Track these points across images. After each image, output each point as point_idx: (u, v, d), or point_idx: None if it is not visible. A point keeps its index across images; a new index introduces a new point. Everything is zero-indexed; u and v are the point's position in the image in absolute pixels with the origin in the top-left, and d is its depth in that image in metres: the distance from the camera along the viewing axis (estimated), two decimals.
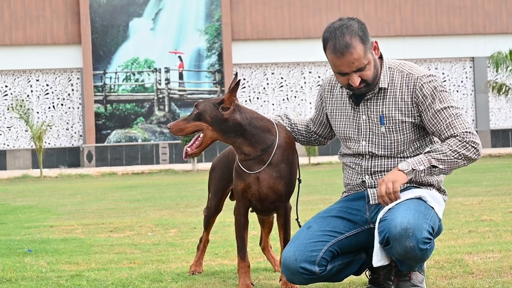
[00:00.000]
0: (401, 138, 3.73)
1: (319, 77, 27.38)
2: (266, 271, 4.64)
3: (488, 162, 19.77)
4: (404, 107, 3.70)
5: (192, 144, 3.93)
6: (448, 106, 3.65)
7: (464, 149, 3.58)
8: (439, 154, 3.58)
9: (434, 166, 3.57)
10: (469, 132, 3.61)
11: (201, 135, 3.92)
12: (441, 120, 3.63)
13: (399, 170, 3.56)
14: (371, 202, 3.77)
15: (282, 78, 27.32)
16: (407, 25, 27.54)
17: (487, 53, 26.96)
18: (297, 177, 4.05)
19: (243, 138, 3.93)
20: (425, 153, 3.61)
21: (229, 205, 4.70)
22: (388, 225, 3.51)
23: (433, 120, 3.64)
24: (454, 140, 3.60)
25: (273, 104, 27.19)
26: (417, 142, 3.76)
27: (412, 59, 26.02)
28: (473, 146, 3.59)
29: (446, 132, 3.62)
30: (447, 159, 3.57)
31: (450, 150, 3.58)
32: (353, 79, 3.65)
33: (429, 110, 3.65)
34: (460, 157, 3.58)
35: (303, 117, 4.23)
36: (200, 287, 4.22)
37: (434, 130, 3.67)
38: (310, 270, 3.65)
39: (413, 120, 3.70)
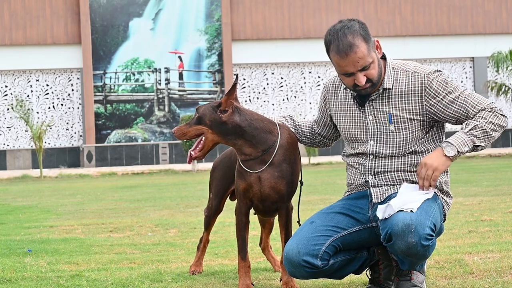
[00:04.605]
0: (409, 136, 3.75)
1: (319, 77, 27.37)
2: (266, 271, 4.64)
3: (488, 162, 19.76)
4: (412, 106, 3.73)
5: (195, 148, 3.96)
6: (462, 92, 3.71)
7: (497, 119, 3.63)
8: (479, 131, 3.60)
9: (476, 146, 3.59)
10: (492, 102, 3.68)
11: (203, 138, 3.94)
12: (463, 104, 3.68)
13: (445, 155, 3.56)
14: (373, 200, 3.78)
15: (282, 78, 27.31)
16: (407, 25, 27.54)
17: (487, 53, 26.95)
18: (299, 179, 4.05)
19: (243, 139, 3.94)
20: (465, 131, 3.60)
21: (229, 205, 4.70)
22: (390, 221, 3.53)
23: (454, 107, 3.68)
24: (485, 113, 3.64)
25: (273, 104, 27.18)
26: (423, 139, 3.78)
27: (412, 59, 25.99)
28: (501, 114, 3.65)
29: (473, 110, 3.66)
30: (487, 135, 3.60)
31: (486, 122, 3.61)
32: (359, 79, 3.66)
33: (445, 101, 3.69)
34: (495, 128, 3.62)
35: (307, 119, 4.22)
36: (200, 287, 4.22)
37: (458, 115, 3.69)
38: (312, 264, 3.67)
39: (420, 118, 3.73)
